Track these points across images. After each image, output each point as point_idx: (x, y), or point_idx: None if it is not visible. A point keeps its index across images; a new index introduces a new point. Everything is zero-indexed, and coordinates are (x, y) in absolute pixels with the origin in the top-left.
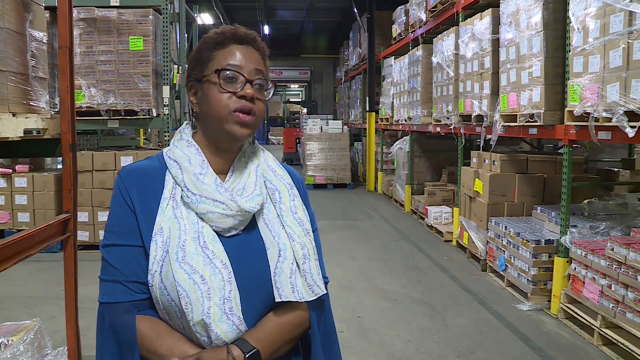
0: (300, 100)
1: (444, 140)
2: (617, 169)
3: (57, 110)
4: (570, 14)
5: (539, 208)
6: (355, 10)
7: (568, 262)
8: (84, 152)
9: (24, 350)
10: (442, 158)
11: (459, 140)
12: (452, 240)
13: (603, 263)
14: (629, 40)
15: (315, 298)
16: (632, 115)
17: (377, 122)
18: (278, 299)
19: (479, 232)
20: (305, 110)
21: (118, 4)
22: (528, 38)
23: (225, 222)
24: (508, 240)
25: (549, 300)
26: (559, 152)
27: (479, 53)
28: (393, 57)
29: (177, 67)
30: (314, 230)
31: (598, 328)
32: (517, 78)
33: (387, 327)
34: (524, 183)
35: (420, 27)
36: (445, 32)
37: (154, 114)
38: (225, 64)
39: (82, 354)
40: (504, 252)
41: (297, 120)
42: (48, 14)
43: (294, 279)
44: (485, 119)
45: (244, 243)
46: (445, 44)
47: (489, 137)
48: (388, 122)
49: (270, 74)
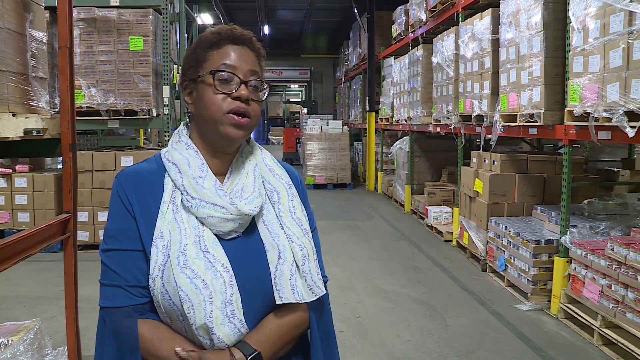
0: (300, 100)
1: (444, 140)
2: (617, 169)
3: (57, 110)
4: (570, 14)
5: (539, 208)
6: (355, 10)
7: (568, 262)
8: (84, 152)
9: (24, 350)
10: (442, 158)
11: (459, 140)
12: (452, 240)
13: (603, 263)
14: (629, 40)
15: (315, 299)
16: (632, 115)
17: (377, 122)
18: (279, 301)
19: (479, 232)
20: (305, 110)
21: (118, 4)
22: (528, 38)
23: (225, 225)
24: (508, 240)
25: (549, 300)
26: (559, 152)
27: (479, 53)
28: (393, 57)
29: (177, 67)
30: (313, 230)
31: (598, 328)
32: (517, 78)
33: (387, 327)
34: (524, 183)
35: (420, 27)
36: (445, 32)
37: (154, 114)
38: (220, 65)
39: (82, 354)
40: (504, 252)
41: (297, 120)
42: (48, 14)
43: (294, 280)
44: (485, 119)
45: (244, 246)
46: (445, 44)
47: (489, 137)
48: (388, 122)
49: (270, 74)
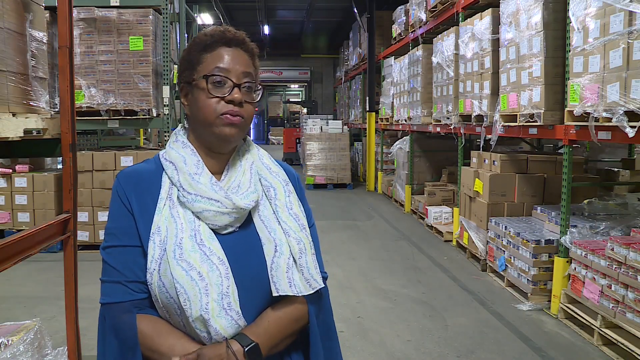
0: (300, 100)
1: (444, 140)
2: (617, 169)
3: (57, 110)
4: (570, 14)
5: (539, 208)
6: (355, 10)
7: (568, 262)
8: (84, 152)
9: (24, 350)
10: (442, 158)
11: (459, 140)
12: (452, 240)
13: (603, 263)
14: (629, 40)
15: (313, 292)
16: (632, 115)
17: (377, 122)
18: (275, 294)
19: (479, 232)
20: (305, 110)
21: (118, 4)
22: (528, 38)
23: (221, 219)
24: (508, 240)
25: (549, 300)
26: (559, 152)
27: (479, 53)
28: (393, 57)
29: (177, 67)
30: (311, 226)
31: (598, 328)
32: (517, 78)
33: (387, 327)
34: (524, 183)
35: (420, 27)
36: (445, 32)
37: (154, 114)
38: (214, 68)
39: (82, 354)
40: (504, 252)
41: (297, 120)
42: (48, 14)
43: (291, 274)
44: (485, 119)
45: (241, 240)
46: (445, 44)
47: (489, 137)
48: (388, 122)
49: (270, 74)
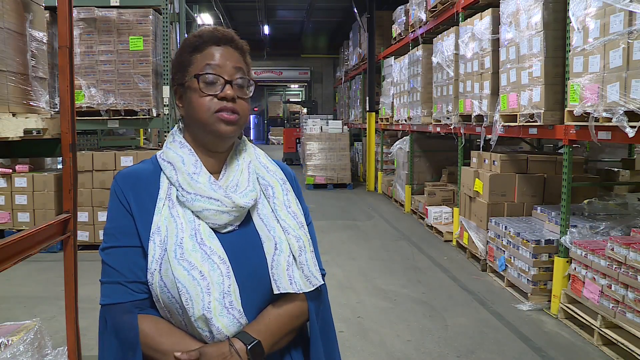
0: (300, 100)
1: (444, 140)
2: (617, 169)
3: (57, 110)
4: (570, 14)
5: (539, 208)
6: (355, 10)
7: (568, 262)
8: (84, 152)
9: (24, 350)
10: (442, 158)
11: (459, 140)
12: (452, 240)
13: (603, 263)
14: (629, 40)
15: (313, 289)
16: (632, 115)
17: (377, 122)
18: (276, 291)
19: (479, 232)
20: (305, 110)
21: (118, 4)
22: (528, 38)
23: (221, 218)
24: (508, 240)
25: (549, 300)
26: (559, 152)
27: (479, 53)
28: (393, 57)
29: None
30: (309, 224)
31: (598, 328)
32: (517, 78)
33: (387, 327)
34: (524, 183)
35: (420, 27)
36: (445, 32)
37: (154, 114)
38: (204, 66)
39: (82, 354)
40: (504, 252)
41: (297, 120)
42: (48, 14)
43: (291, 271)
44: (485, 119)
45: (240, 238)
46: (445, 44)
47: (489, 137)
48: (388, 122)
49: (270, 74)
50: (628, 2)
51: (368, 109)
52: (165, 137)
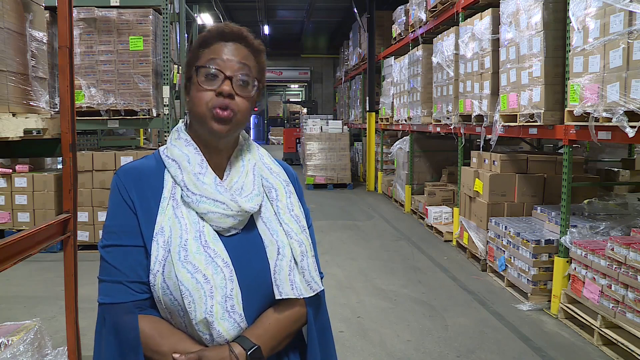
0: (300, 100)
1: (444, 140)
2: (617, 169)
3: (57, 110)
4: (570, 14)
5: (539, 208)
6: (355, 10)
7: (568, 262)
8: (84, 152)
9: (24, 350)
10: (442, 158)
11: (459, 140)
12: (452, 240)
13: (603, 263)
14: (629, 40)
15: (313, 295)
16: (632, 115)
17: (377, 122)
18: (278, 297)
19: (479, 232)
20: (305, 110)
21: (118, 4)
22: (528, 38)
23: (226, 222)
24: (508, 240)
25: (549, 300)
26: (559, 152)
27: (479, 53)
28: (393, 57)
29: (177, 67)
30: (309, 226)
31: (598, 328)
32: (517, 78)
33: (387, 327)
34: (524, 183)
35: (420, 27)
36: (445, 32)
37: (154, 114)
38: (207, 60)
39: (82, 354)
40: (504, 252)
41: (297, 120)
42: (48, 14)
43: (293, 276)
44: (485, 119)
45: (244, 242)
46: (445, 44)
47: (489, 137)
48: (388, 122)
49: (270, 74)
50: (628, 2)
51: (368, 109)
52: (166, 137)
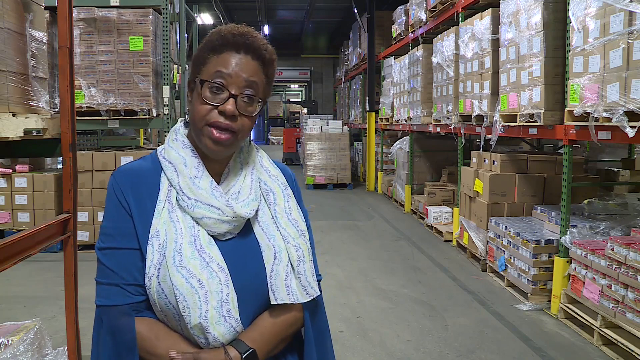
0: (300, 100)
1: (444, 140)
2: (617, 169)
3: (57, 110)
4: (570, 14)
5: (539, 208)
6: (355, 10)
7: (568, 262)
8: (84, 152)
9: (24, 350)
10: (442, 158)
11: (459, 140)
12: (452, 240)
13: (603, 263)
14: (629, 40)
15: (310, 300)
16: (632, 115)
17: (377, 122)
18: (274, 302)
19: (479, 232)
20: (305, 110)
21: (118, 4)
22: (528, 38)
23: (221, 227)
24: (508, 240)
25: (549, 300)
26: (559, 152)
27: (479, 53)
28: (393, 57)
29: (177, 67)
30: (307, 228)
31: (598, 328)
32: (517, 78)
33: (387, 327)
34: (524, 183)
35: (420, 27)
36: (445, 32)
37: (154, 114)
38: (215, 72)
39: (82, 354)
40: (504, 252)
41: (297, 120)
42: (48, 14)
43: (289, 281)
44: (485, 119)
45: (240, 246)
46: (445, 44)
47: (489, 137)
48: (388, 122)
49: None
50: (628, 2)
51: (368, 109)
52: (166, 137)
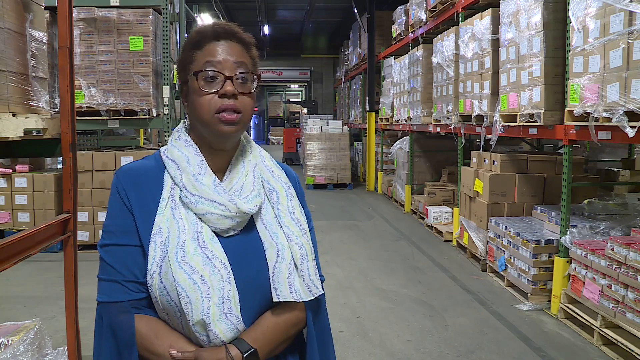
0: (300, 100)
1: (444, 140)
2: (617, 169)
3: (57, 110)
4: (570, 14)
5: (539, 208)
6: (355, 10)
7: (568, 262)
8: (84, 152)
9: (24, 350)
10: (442, 158)
11: (459, 140)
12: (452, 240)
13: (603, 263)
14: (629, 40)
15: (313, 298)
16: (632, 115)
17: (377, 122)
18: (276, 299)
19: (479, 232)
20: (305, 110)
21: (118, 4)
22: (528, 38)
23: (224, 223)
24: (508, 240)
25: (549, 300)
26: (559, 152)
27: (479, 53)
28: (393, 57)
29: (177, 67)
30: (310, 229)
31: (598, 328)
32: (517, 78)
33: (387, 327)
34: (524, 183)
35: (420, 27)
36: (445, 32)
37: (154, 114)
38: (204, 63)
39: (82, 354)
40: (504, 252)
41: (297, 120)
42: (48, 14)
43: (292, 279)
44: (485, 119)
45: (243, 243)
46: (445, 44)
47: (489, 137)
48: (388, 122)
49: (270, 74)
50: (628, 2)
51: (368, 109)
52: (166, 137)
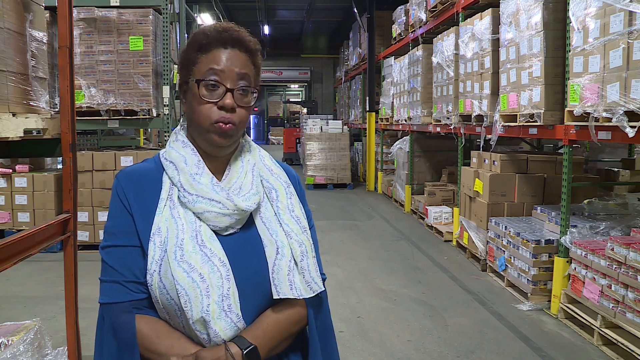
0: (300, 100)
1: (444, 140)
2: (617, 169)
3: (57, 110)
4: (570, 14)
5: (539, 208)
6: (355, 10)
7: (568, 262)
8: (84, 152)
9: (24, 350)
10: (442, 158)
11: (459, 140)
12: (452, 240)
13: (603, 263)
14: (629, 40)
15: (314, 295)
16: (632, 115)
17: (377, 122)
18: (276, 296)
19: (479, 232)
20: (305, 110)
21: (118, 4)
22: (528, 38)
23: (222, 221)
24: (508, 240)
25: (549, 300)
26: (559, 152)
27: (479, 53)
28: (393, 57)
29: (177, 67)
30: (311, 227)
31: (598, 328)
32: (517, 78)
33: (387, 327)
34: (524, 183)
35: (420, 27)
36: (445, 32)
37: (154, 114)
38: (207, 70)
39: (82, 354)
40: (504, 252)
41: (297, 120)
42: (48, 14)
43: (292, 276)
44: (485, 119)
45: (242, 241)
46: (445, 44)
47: (489, 137)
48: (388, 122)
49: (270, 74)
50: (628, 2)
51: (368, 109)
52: (166, 137)
